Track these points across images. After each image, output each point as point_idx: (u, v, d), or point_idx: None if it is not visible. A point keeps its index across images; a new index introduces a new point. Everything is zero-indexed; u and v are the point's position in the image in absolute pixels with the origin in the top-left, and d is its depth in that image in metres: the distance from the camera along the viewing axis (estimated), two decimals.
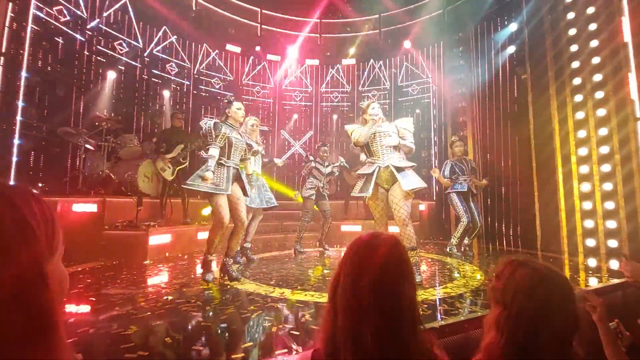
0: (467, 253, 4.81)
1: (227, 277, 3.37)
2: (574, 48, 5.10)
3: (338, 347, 0.79)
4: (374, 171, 3.30)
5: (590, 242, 4.78)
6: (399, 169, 3.26)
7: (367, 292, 0.80)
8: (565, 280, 0.90)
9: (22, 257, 0.43)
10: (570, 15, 5.16)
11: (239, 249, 4.30)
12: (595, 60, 4.82)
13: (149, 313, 2.37)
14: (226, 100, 3.55)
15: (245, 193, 3.56)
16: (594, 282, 3.31)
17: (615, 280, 3.22)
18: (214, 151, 3.28)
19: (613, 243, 4.53)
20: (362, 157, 3.75)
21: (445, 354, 0.87)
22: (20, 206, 0.45)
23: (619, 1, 4.57)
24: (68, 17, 5.99)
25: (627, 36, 4.47)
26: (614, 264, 4.11)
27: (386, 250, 0.85)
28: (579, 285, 3.13)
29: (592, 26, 4.87)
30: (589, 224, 4.82)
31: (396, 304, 0.80)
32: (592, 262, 4.29)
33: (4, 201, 0.44)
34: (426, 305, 2.50)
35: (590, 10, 4.90)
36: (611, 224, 4.58)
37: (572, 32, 5.13)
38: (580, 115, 4.99)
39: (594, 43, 4.84)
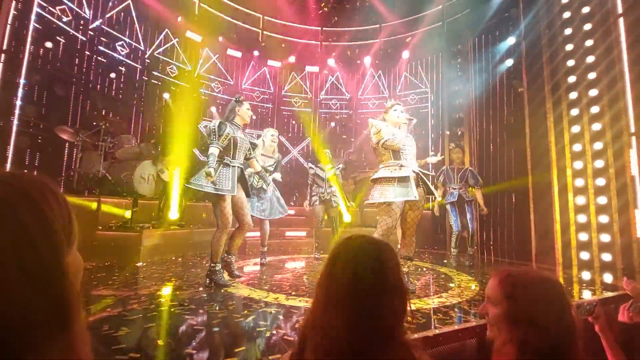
0: (462, 262, 4.86)
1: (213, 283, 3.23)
2: (570, 63, 5.18)
3: (306, 338, 0.79)
4: (409, 175, 3.09)
5: (585, 255, 4.80)
6: (427, 177, 3.25)
7: (345, 286, 0.78)
8: (553, 276, 0.94)
9: (43, 253, 0.43)
10: (568, 31, 5.25)
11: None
12: (591, 75, 4.90)
13: (140, 315, 2.34)
14: (236, 99, 3.51)
15: (247, 194, 3.52)
16: (587, 295, 3.32)
17: (609, 294, 3.23)
18: (214, 150, 3.25)
19: (607, 256, 4.55)
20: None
21: None
22: (39, 200, 0.45)
23: (615, 19, 4.67)
24: (71, 17, 6.01)
25: (623, 53, 4.55)
26: (608, 277, 4.13)
27: (371, 248, 0.85)
28: (573, 298, 3.13)
29: (589, 42, 4.96)
30: (584, 237, 4.85)
31: (374, 309, 0.78)
32: (586, 275, 4.31)
33: (23, 196, 0.44)
34: (420, 314, 2.49)
35: (587, 26, 5.00)
36: (605, 238, 4.61)
37: (569, 47, 5.21)
38: (576, 129, 5.05)
39: (590, 59, 4.93)
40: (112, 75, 6.82)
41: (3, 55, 4.72)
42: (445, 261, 4.84)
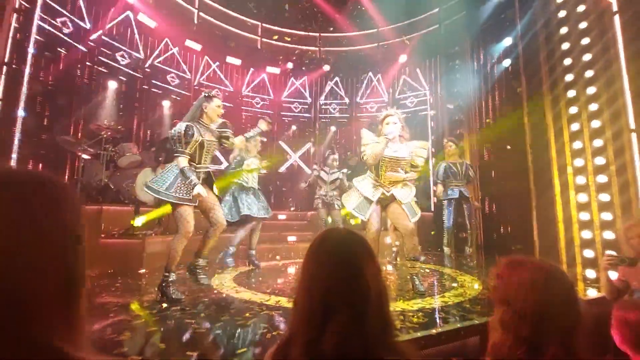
0: (461, 263, 4.84)
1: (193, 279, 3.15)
2: (567, 61, 5.19)
3: (289, 350, 0.76)
4: (376, 198, 3.14)
5: (589, 253, 4.76)
6: (404, 203, 3.17)
7: (329, 286, 0.75)
8: (564, 274, 0.92)
9: (66, 218, 0.49)
10: (564, 30, 5.28)
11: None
12: (589, 73, 4.91)
13: (143, 320, 2.34)
14: (205, 94, 3.18)
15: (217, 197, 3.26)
16: (593, 293, 3.30)
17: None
18: (184, 161, 2.94)
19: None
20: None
21: None
22: (56, 187, 0.51)
23: (611, 17, 4.69)
24: (71, 29, 6.10)
25: (620, 50, 4.56)
26: (613, 275, 4.09)
27: (348, 240, 0.83)
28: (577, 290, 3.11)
29: (585, 40, 4.98)
30: (587, 234, 4.81)
31: (363, 297, 0.75)
32: (590, 273, 4.27)
33: (49, 177, 0.51)
34: (423, 314, 2.48)
35: (583, 25, 5.02)
36: (609, 235, 4.58)
37: (566, 46, 5.23)
38: (575, 126, 5.04)
39: (587, 57, 4.94)
40: (113, 84, 6.90)
41: (5, 67, 4.79)
42: (446, 263, 4.83)
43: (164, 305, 2.73)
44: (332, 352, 0.69)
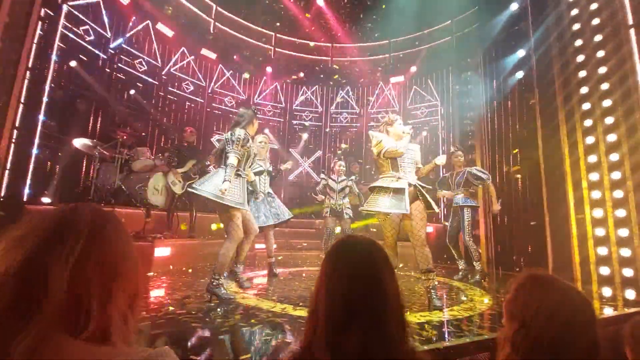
0: (468, 279, 4.70)
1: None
2: (582, 74, 5.12)
3: (314, 354, 0.77)
4: (404, 187, 3.09)
5: (604, 270, 4.61)
6: (425, 189, 3.19)
7: (350, 292, 0.78)
8: (589, 303, 0.87)
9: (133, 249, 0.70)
10: (578, 42, 5.22)
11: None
12: (605, 86, 4.82)
13: (148, 322, 2.35)
14: (253, 110, 3.40)
15: (247, 201, 3.50)
16: (608, 312, 3.18)
17: (632, 310, 3.10)
18: (235, 160, 3.06)
19: (628, 272, 4.36)
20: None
21: None
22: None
23: (627, 30, 4.63)
24: (93, 37, 6.33)
25: (636, 64, 4.49)
26: (630, 294, 3.95)
27: (366, 247, 0.86)
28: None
29: (600, 53, 4.91)
30: (603, 251, 4.67)
31: (382, 301, 0.78)
32: (606, 291, 4.13)
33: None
34: (431, 327, 2.43)
35: (598, 38, 4.96)
36: (625, 252, 4.43)
37: (580, 58, 5.17)
38: (590, 140, 4.94)
39: (603, 70, 4.87)
40: (131, 91, 7.09)
41: (29, 72, 4.97)
42: (459, 275, 4.74)
43: (170, 308, 2.75)
44: (356, 356, 0.72)
